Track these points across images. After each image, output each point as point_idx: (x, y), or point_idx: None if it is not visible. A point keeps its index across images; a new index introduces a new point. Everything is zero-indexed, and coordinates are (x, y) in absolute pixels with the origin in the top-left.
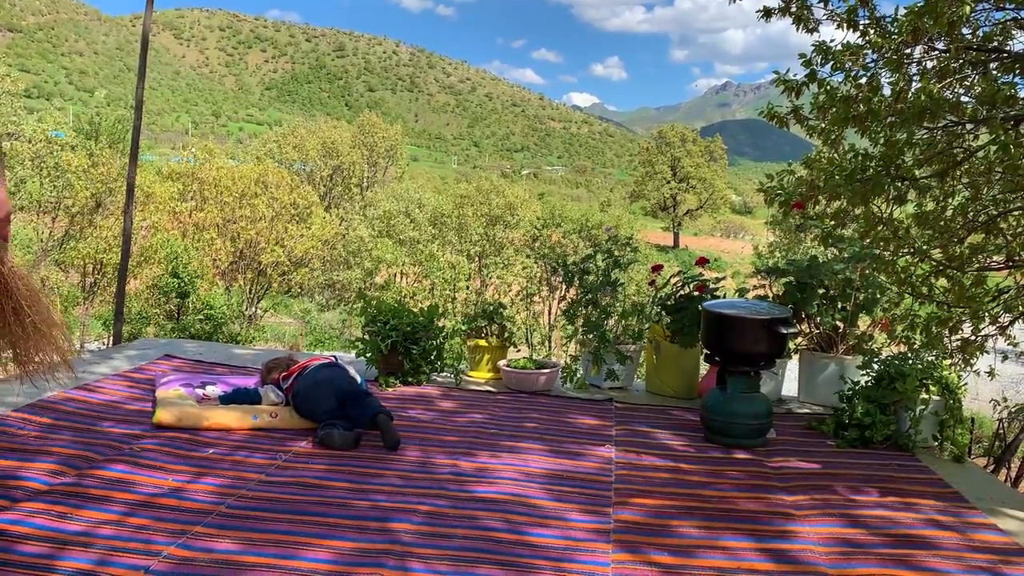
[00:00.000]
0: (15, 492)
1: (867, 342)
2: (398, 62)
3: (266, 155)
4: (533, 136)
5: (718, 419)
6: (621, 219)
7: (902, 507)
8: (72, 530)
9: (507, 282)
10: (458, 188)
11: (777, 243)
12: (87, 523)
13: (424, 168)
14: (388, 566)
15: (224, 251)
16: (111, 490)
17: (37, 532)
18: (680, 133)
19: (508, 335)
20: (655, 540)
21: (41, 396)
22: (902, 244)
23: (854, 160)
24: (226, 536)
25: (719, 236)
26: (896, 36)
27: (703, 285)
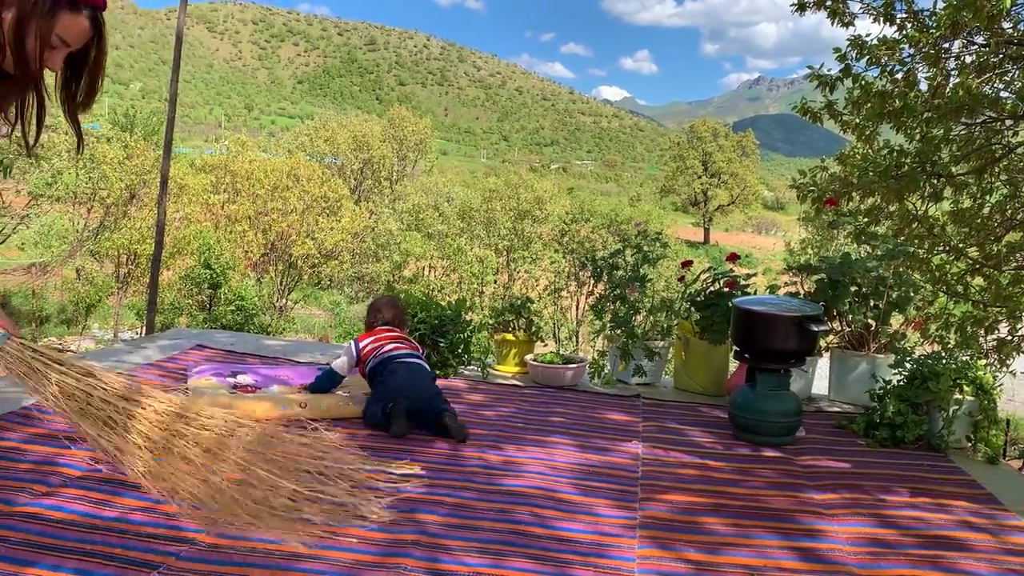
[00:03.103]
0: (52, 478)
1: (900, 341)
2: (428, 56)
3: (298, 148)
4: (563, 130)
5: (747, 417)
6: (651, 214)
7: (934, 508)
8: (107, 516)
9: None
10: (487, 182)
11: (809, 240)
12: (121, 509)
13: (453, 162)
14: (416, 556)
15: (256, 243)
16: None
17: (74, 517)
18: (712, 128)
19: (535, 329)
20: (682, 536)
21: None
22: (937, 242)
23: (889, 156)
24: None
25: (750, 232)
26: (934, 30)
27: (733, 281)
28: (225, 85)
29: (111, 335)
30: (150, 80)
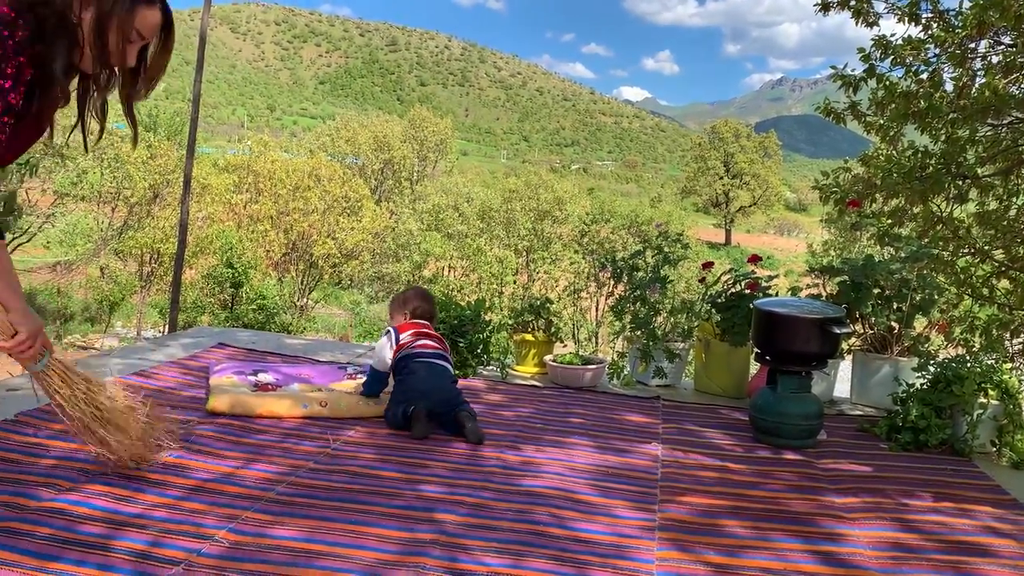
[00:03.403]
0: (77, 474)
1: (923, 344)
2: (450, 56)
3: (319, 149)
4: (583, 131)
5: (768, 419)
6: (672, 215)
7: (957, 513)
8: (129, 512)
9: (554, 277)
10: (507, 182)
11: (832, 241)
12: (143, 505)
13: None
14: (435, 556)
15: (277, 243)
16: (166, 474)
17: (97, 513)
18: (733, 128)
19: (555, 330)
20: (702, 539)
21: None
22: (962, 244)
23: (913, 157)
24: (277, 522)
25: (772, 233)
26: (960, 30)
27: (755, 283)
28: (248, 85)
29: (134, 333)
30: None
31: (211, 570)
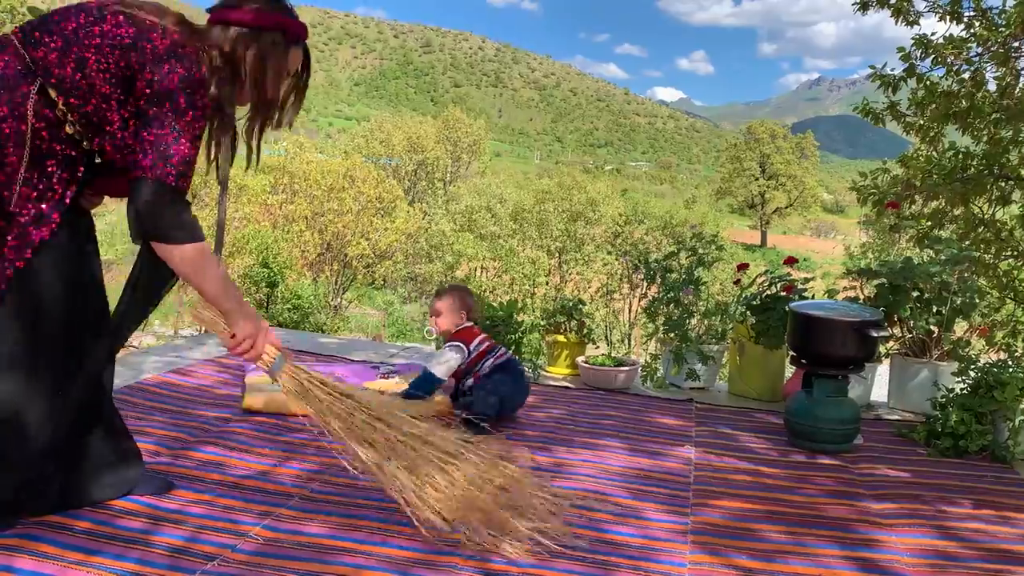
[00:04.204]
0: None
1: (963, 348)
2: (483, 57)
3: (354, 150)
4: (617, 131)
5: (803, 423)
6: (707, 216)
7: (998, 520)
8: (167, 507)
9: (587, 278)
10: (540, 183)
11: (869, 244)
12: (180, 502)
13: (506, 163)
14: (466, 555)
15: (312, 243)
16: (202, 471)
17: (136, 507)
18: (770, 129)
19: (587, 331)
20: (735, 543)
21: (138, 379)
22: (1005, 247)
23: (954, 158)
24: (310, 519)
25: (809, 235)
26: (1004, 28)
27: (791, 285)
28: None
29: (172, 331)
30: None
31: (245, 566)
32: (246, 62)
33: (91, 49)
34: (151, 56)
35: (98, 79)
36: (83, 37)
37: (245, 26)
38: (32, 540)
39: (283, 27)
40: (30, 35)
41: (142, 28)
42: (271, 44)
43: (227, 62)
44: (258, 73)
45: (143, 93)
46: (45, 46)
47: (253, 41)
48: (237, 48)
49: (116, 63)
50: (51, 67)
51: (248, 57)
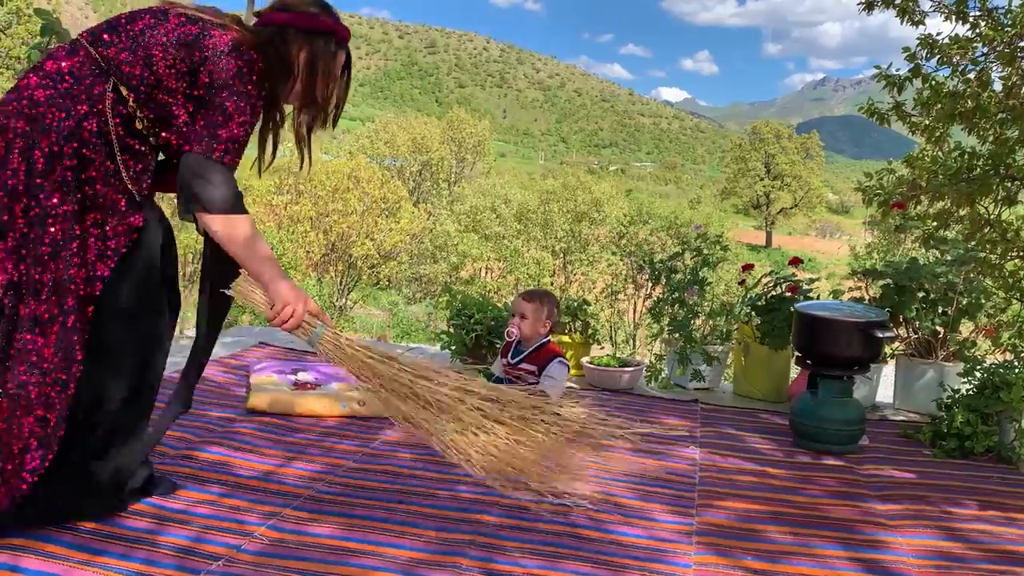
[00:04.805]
0: None
1: (969, 349)
2: (488, 58)
3: (359, 150)
4: (622, 132)
5: (808, 424)
6: (711, 217)
7: (1003, 522)
8: (172, 508)
9: (591, 279)
10: (544, 184)
11: (875, 244)
12: (185, 502)
13: (511, 164)
14: (471, 556)
15: (317, 243)
16: (207, 471)
17: (142, 507)
18: (775, 129)
19: (591, 332)
20: (740, 544)
21: None
22: (1011, 247)
23: (960, 158)
24: (315, 519)
25: (814, 236)
26: (1009, 28)
27: (796, 286)
28: None
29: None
30: None
31: (251, 566)
32: (299, 63)
33: (158, 47)
34: (212, 51)
35: (165, 75)
36: (149, 36)
37: (298, 29)
38: (38, 540)
39: (333, 30)
40: (99, 36)
41: (204, 26)
42: (323, 46)
43: (280, 62)
44: (310, 74)
45: (203, 85)
46: (115, 46)
47: (306, 43)
48: (291, 49)
49: (181, 59)
50: (122, 65)
51: (301, 59)
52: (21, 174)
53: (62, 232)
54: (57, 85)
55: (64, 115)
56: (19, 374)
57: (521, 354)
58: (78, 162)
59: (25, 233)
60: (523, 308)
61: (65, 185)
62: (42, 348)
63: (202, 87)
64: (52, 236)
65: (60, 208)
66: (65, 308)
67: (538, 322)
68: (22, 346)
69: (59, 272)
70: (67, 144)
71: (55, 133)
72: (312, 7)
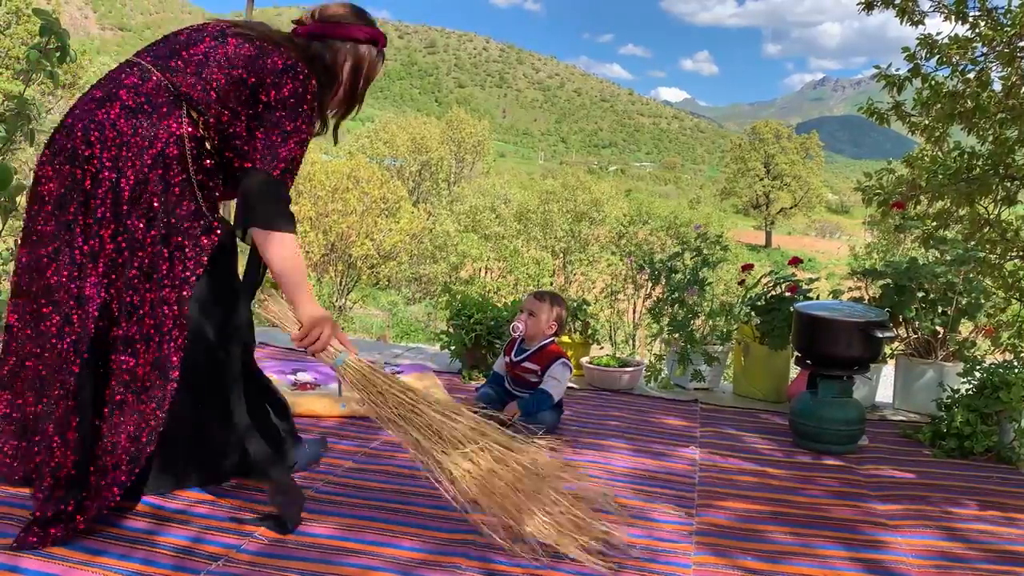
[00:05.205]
0: None
1: (969, 349)
2: (488, 58)
3: (358, 151)
4: (621, 132)
5: (808, 424)
6: (711, 217)
7: (1003, 522)
8: (172, 507)
9: (591, 279)
10: (544, 184)
11: (875, 244)
12: (185, 501)
13: (511, 164)
14: (470, 556)
15: (316, 243)
16: None
17: (141, 507)
18: (774, 129)
19: (591, 332)
20: (740, 544)
21: None
22: (1010, 247)
23: (960, 158)
24: (314, 519)
25: (814, 236)
26: (1009, 28)
27: (795, 286)
28: None
29: None
30: None
31: (250, 566)
32: (344, 71)
33: (221, 70)
34: (270, 71)
35: (228, 96)
36: (212, 60)
37: (344, 39)
38: None
39: (375, 39)
40: (167, 63)
41: (261, 48)
42: (366, 54)
43: (327, 72)
44: (354, 81)
45: (262, 104)
46: (182, 72)
47: (351, 52)
48: (337, 59)
49: (242, 80)
50: (191, 91)
51: (346, 67)
52: (108, 202)
53: (151, 256)
54: (138, 115)
55: (147, 144)
56: (115, 394)
57: (524, 353)
58: (163, 188)
59: (114, 259)
60: (532, 306)
61: (151, 211)
62: (135, 368)
63: (261, 106)
64: (140, 260)
65: (148, 233)
66: (160, 329)
67: (545, 322)
68: (117, 367)
69: (151, 294)
70: (152, 171)
71: (140, 162)
72: (353, 17)
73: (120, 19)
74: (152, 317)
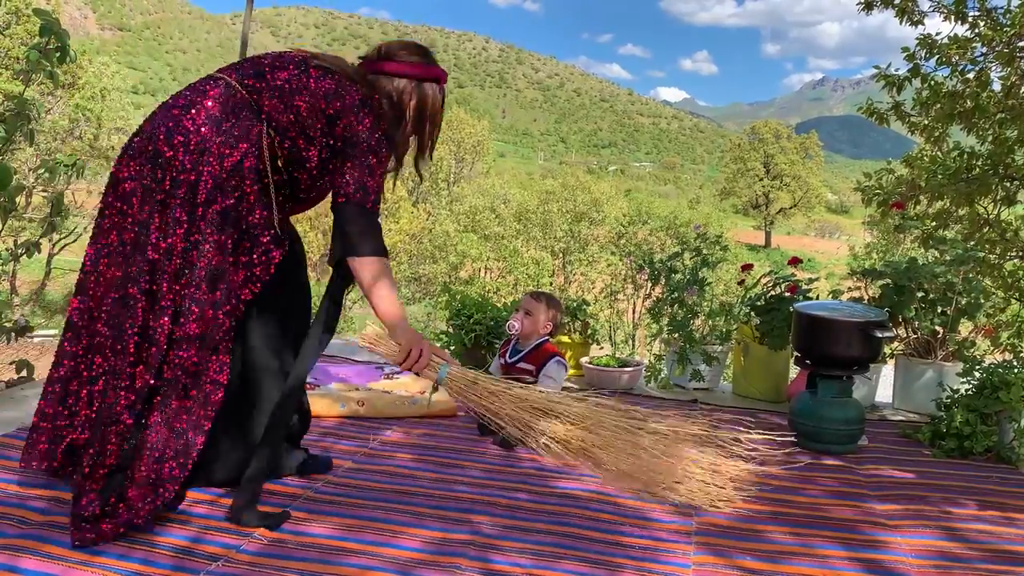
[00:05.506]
0: None
1: (968, 349)
2: (487, 58)
3: None
4: (621, 132)
5: (808, 424)
6: (711, 217)
7: (1003, 522)
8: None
9: (591, 279)
10: (544, 184)
11: (874, 244)
12: (185, 501)
13: (510, 164)
14: (470, 556)
15: (316, 244)
16: None
17: None
18: (774, 129)
19: (591, 332)
20: (739, 544)
21: None
22: (1010, 247)
23: (959, 158)
24: (315, 520)
25: (813, 236)
26: (1008, 28)
27: (795, 286)
28: None
29: None
30: None
31: (250, 566)
32: (410, 108)
33: (302, 98)
34: (348, 105)
35: (307, 123)
36: (295, 88)
37: (409, 77)
38: (36, 540)
39: (437, 76)
40: (251, 83)
41: (339, 82)
42: (429, 92)
43: (394, 109)
44: (419, 118)
45: (341, 136)
46: (265, 93)
47: (416, 90)
48: (403, 96)
49: (321, 110)
50: (273, 111)
51: (411, 105)
52: (186, 204)
53: (219, 260)
54: (221, 124)
55: (228, 152)
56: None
57: (519, 353)
58: (237, 196)
59: (185, 258)
60: (529, 305)
61: (223, 216)
62: (187, 366)
63: (338, 138)
64: (208, 262)
65: (219, 237)
66: (217, 332)
67: (540, 322)
68: (171, 364)
69: (214, 296)
70: (229, 179)
71: (220, 168)
72: (417, 56)
73: (119, 19)
74: (213, 319)
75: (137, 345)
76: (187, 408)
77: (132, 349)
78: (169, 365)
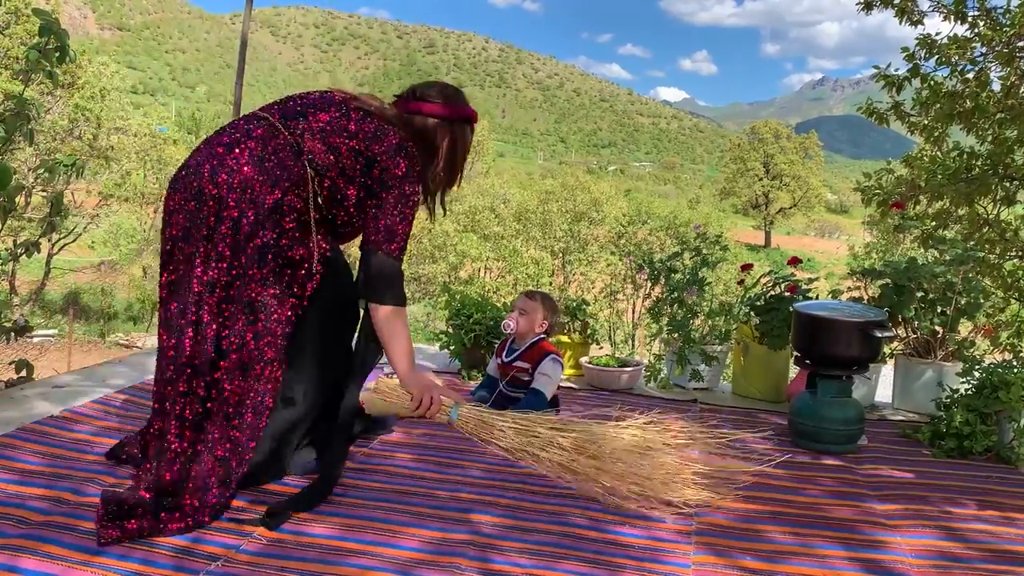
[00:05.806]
0: (120, 470)
1: (968, 348)
2: (487, 58)
3: None
4: (621, 132)
5: (807, 423)
6: (710, 217)
7: (1002, 521)
8: None
9: (591, 279)
10: (543, 184)
11: (874, 244)
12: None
13: (510, 164)
14: (469, 556)
15: None
16: None
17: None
18: (773, 129)
19: (591, 332)
20: (739, 544)
21: (142, 379)
22: (1009, 247)
23: (959, 158)
24: (314, 520)
25: (813, 236)
26: (1008, 28)
27: (795, 285)
28: (287, 88)
29: None
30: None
31: (249, 566)
32: (442, 147)
33: (343, 140)
34: (386, 149)
35: (347, 164)
36: (335, 129)
37: (442, 118)
38: (36, 540)
39: (467, 116)
40: (294, 125)
41: (378, 125)
42: (460, 131)
43: (427, 148)
44: (451, 156)
45: (377, 179)
46: (306, 133)
47: (447, 130)
48: (436, 136)
49: (361, 152)
50: (314, 152)
51: (444, 144)
52: (228, 239)
53: (259, 292)
54: (264, 163)
55: (270, 189)
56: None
57: (515, 352)
58: (278, 232)
59: (227, 291)
60: (524, 304)
61: (263, 250)
62: (230, 396)
63: (374, 179)
64: (249, 294)
65: (260, 270)
66: (259, 361)
67: (535, 320)
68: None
69: (255, 327)
70: (271, 216)
71: (261, 205)
72: (451, 97)
73: (119, 19)
74: (256, 349)
75: (183, 373)
76: (231, 437)
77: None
78: (214, 395)
